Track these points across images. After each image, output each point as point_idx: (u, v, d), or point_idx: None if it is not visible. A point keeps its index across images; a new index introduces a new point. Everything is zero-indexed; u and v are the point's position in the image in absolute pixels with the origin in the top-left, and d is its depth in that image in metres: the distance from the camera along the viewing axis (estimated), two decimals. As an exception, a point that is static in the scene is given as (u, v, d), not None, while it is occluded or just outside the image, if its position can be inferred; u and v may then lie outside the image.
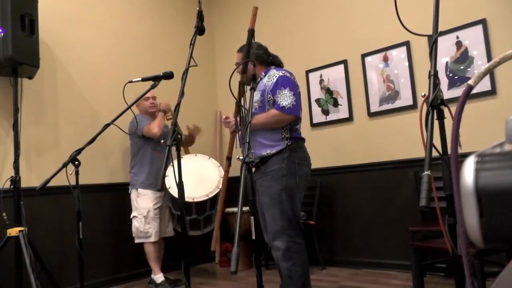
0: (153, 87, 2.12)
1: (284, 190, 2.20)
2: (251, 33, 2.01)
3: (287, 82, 2.30)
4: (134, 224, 3.32)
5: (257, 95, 2.33)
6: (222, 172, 3.48)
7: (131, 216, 3.36)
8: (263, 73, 2.42)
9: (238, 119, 2.30)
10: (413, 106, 3.38)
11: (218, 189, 3.41)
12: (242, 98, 2.27)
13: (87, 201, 3.32)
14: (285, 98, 2.25)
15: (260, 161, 2.28)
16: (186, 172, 3.08)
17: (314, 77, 4.04)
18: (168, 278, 3.42)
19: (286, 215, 2.19)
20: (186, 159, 3.58)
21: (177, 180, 1.69)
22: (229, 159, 2.48)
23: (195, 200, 3.30)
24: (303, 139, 2.41)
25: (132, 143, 3.50)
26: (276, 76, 2.33)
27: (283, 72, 2.36)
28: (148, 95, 3.44)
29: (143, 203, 3.33)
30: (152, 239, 3.29)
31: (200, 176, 3.52)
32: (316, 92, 4.01)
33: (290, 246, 2.15)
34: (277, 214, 2.18)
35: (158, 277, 3.33)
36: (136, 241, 3.33)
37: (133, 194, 3.40)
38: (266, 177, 2.25)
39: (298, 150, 2.32)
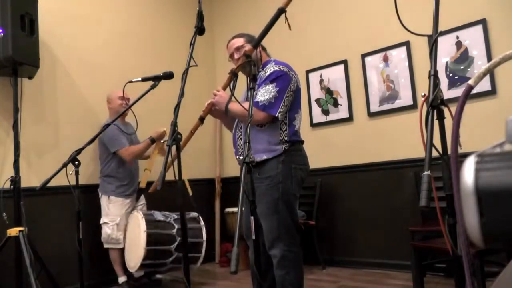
0: (153, 87, 2.13)
1: (281, 198, 2.10)
2: (281, 12, 1.75)
3: (278, 77, 2.14)
4: (106, 231, 3.28)
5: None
6: (144, 243, 3.11)
7: (101, 222, 3.31)
8: (261, 66, 2.29)
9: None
10: (413, 106, 3.38)
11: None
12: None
13: (87, 201, 3.32)
14: (265, 94, 2.10)
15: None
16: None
17: (314, 77, 4.04)
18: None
19: (283, 224, 2.10)
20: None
21: (178, 179, 1.69)
22: (202, 119, 2.32)
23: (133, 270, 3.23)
24: (302, 142, 2.29)
25: (101, 150, 3.38)
26: (271, 70, 2.18)
27: (281, 66, 2.19)
28: (122, 94, 3.20)
29: (115, 210, 3.31)
30: (121, 245, 3.31)
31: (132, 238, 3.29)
32: (316, 92, 4.02)
33: (286, 255, 2.08)
34: (274, 224, 2.10)
35: (121, 279, 3.35)
36: (105, 246, 3.31)
37: (104, 200, 3.35)
38: (261, 184, 2.12)
39: (295, 154, 2.18)
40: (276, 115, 2.11)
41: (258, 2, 4.51)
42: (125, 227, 3.33)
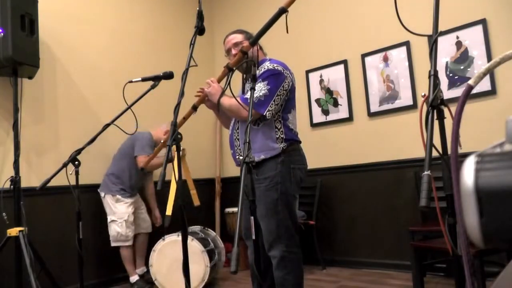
0: (153, 87, 2.13)
1: (280, 199, 2.09)
2: (282, 12, 1.71)
3: (270, 76, 2.11)
4: (115, 229, 3.28)
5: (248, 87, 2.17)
6: (208, 261, 3.13)
7: (109, 221, 3.32)
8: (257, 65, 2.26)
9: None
10: (413, 106, 3.38)
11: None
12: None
13: (87, 201, 3.32)
14: (255, 91, 2.06)
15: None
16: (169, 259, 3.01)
17: (314, 77, 4.04)
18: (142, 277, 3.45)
19: (283, 225, 2.09)
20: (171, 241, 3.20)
21: (177, 178, 1.69)
22: (195, 108, 2.32)
23: None
24: (299, 141, 2.25)
25: (128, 147, 3.46)
26: (265, 68, 2.15)
27: (275, 65, 2.16)
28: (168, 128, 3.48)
29: (122, 208, 3.32)
30: (130, 242, 3.33)
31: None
32: (316, 92, 4.01)
33: (285, 256, 2.07)
34: (273, 225, 2.09)
35: (133, 278, 3.36)
36: (114, 244, 3.31)
37: (109, 198, 3.35)
38: (259, 185, 2.10)
39: (293, 154, 2.16)
40: (264, 114, 2.07)
41: (258, 2, 4.51)
42: (132, 224, 3.34)
